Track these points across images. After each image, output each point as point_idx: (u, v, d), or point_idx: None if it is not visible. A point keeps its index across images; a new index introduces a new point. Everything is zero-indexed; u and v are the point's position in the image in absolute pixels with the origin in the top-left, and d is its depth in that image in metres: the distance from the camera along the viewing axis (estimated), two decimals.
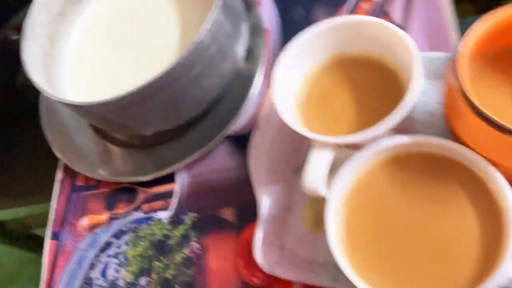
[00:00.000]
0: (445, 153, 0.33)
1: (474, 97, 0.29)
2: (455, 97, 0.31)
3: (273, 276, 0.40)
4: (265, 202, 0.41)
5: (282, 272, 0.38)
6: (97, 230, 0.47)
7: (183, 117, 0.45)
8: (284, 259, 0.39)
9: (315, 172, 0.33)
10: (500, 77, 0.34)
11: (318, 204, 0.41)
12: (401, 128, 0.36)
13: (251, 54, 0.48)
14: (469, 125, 0.31)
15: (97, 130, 0.50)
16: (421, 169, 0.33)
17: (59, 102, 0.42)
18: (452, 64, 0.31)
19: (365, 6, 0.48)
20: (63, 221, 0.48)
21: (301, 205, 0.41)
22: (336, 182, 0.33)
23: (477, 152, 0.31)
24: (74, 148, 0.50)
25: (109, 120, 0.43)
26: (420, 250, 0.32)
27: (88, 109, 0.41)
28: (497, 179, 0.30)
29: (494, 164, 0.31)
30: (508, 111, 0.32)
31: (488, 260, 0.30)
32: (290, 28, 0.50)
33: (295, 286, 0.40)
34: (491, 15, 0.31)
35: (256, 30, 0.49)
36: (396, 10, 0.46)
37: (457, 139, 0.33)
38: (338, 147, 0.33)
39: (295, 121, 0.35)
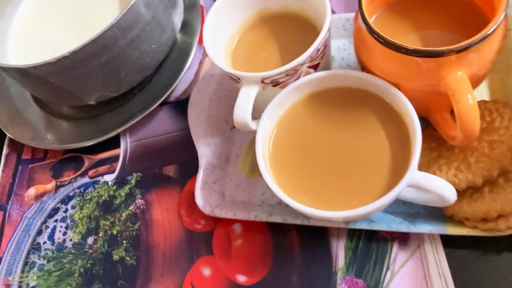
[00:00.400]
0: (356, 85, 0.37)
1: (374, 26, 0.34)
2: (361, 31, 0.35)
3: (214, 221, 0.42)
4: (204, 152, 0.44)
5: (222, 213, 0.41)
6: (44, 198, 0.48)
7: (125, 83, 0.47)
8: (223, 202, 0.42)
9: (244, 105, 0.36)
10: (401, 18, 0.39)
11: (254, 153, 0.44)
12: None
13: (188, 27, 0.52)
14: (372, 52, 0.35)
15: (42, 105, 0.52)
16: (336, 100, 0.38)
17: (3, 70, 0.44)
18: (358, 7, 0.36)
19: None
20: (10, 193, 0.49)
21: (239, 156, 0.44)
22: (264, 115, 0.36)
23: (381, 78, 0.36)
24: (20, 122, 0.51)
25: (53, 87, 0.45)
26: (338, 169, 0.35)
27: (32, 71, 0.43)
28: (399, 98, 0.35)
29: (397, 87, 0.35)
30: (405, 42, 0.36)
31: (398, 170, 0.34)
32: None
33: (234, 229, 0.42)
34: None
35: (192, 5, 0.53)
36: None
37: (367, 71, 0.37)
38: (264, 84, 0.37)
39: (224, 64, 0.38)
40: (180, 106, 0.49)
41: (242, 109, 0.36)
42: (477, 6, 0.37)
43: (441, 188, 0.33)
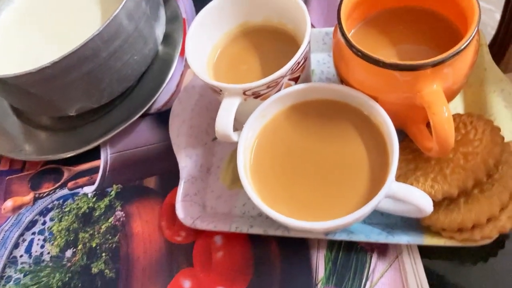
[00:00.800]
0: (335, 97, 0.38)
1: (352, 40, 0.34)
2: (340, 45, 0.36)
3: (195, 233, 0.42)
4: (185, 164, 0.44)
5: (203, 225, 0.41)
6: (22, 210, 0.47)
7: (106, 94, 0.47)
8: (204, 214, 0.42)
9: (226, 117, 0.36)
10: (378, 34, 0.40)
11: (235, 164, 0.44)
12: None
13: (170, 39, 0.52)
14: (351, 65, 0.36)
15: (20, 115, 0.52)
16: (316, 112, 0.38)
17: None
18: (337, 21, 0.36)
19: None
20: None
21: (220, 167, 0.44)
22: (246, 126, 0.37)
23: (360, 90, 0.36)
24: None
25: (33, 98, 0.45)
26: (318, 179, 0.36)
27: (13, 82, 0.42)
28: (377, 110, 0.35)
29: (374, 99, 0.36)
30: (382, 56, 0.37)
31: (377, 180, 0.35)
32: None
33: (215, 241, 0.42)
34: None
35: (174, 18, 0.53)
36: None
37: (346, 84, 0.38)
38: (245, 96, 0.37)
39: (206, 76, 0.39)
40: (161, 117, 0.49)
41: (224, 121, 0.36)
42: (450, 21, 0.39)
43: (418, 199, 0.33)
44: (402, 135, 0.39)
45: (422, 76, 0.33)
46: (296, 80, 0.39)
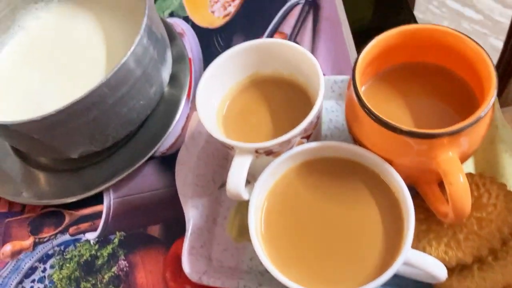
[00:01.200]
0: (348, 156, 0.37)
1: (368, 103, 0.34)
2: (354, 105, 0.36)
3: (201, 286, 0.41)
4: (192, 215, 0.43)
5: (210, 281, 0.40)
6: (21, 256, 0.46)
7: (110, 139, 0.46)
8: (211, 269, 0.41)
9: (237, 176, 0.36)
10: (391, 90, 0.39)
11: (242, 215, 0.44)
12: (312, 141, 0.40)
13: (176, 80, 0.51)
14: (365, 127, 0.35)
15: (20, 155, 0.50)
16: (329, 171, 0.38)
17: None
18: (350, 78, 0.36)
19: (279, 37, 0.53)
20: None
21: (226, 218, 0.44)
22: (257, 185, 0.36)
23: (374, 152, 0.36)
24: None
25: (36, 142, 0.44)
26: (329, 243, 0.35)
27: (15, 128, 0.41)
28: (392, 175, 0.35)
29: (388, 161, 0.36)
30: (396, 115, 0.37)
31: (391, 246, 0.34)
32: (211, 58, 0.53)
33: None
34: (376, 38, 0.37)
35: (180, 58, 0.52)
36: (305, 40, 0.52)
37: (358, 143, 0.37)
38: (257, 154, 0.37)
39: (218, 133, 0.38)
40: (166, 161, 0.48)
41: (236, 180, 0.36)
42: (464, 81, 0.38)
43: (432, 267, 0.33)
44: (413, 191, 0.39)
45: (438, 144, 0.33)
46: (308, 137, 0.38)
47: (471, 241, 0.35)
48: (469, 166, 0.41)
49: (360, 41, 0.52)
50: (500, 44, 1.36)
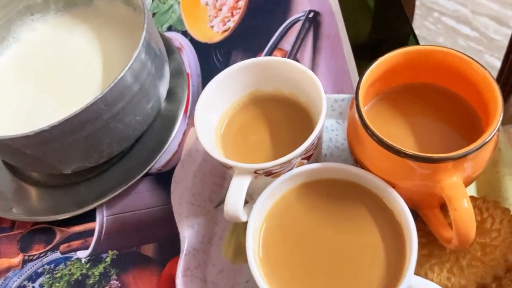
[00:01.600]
0: (349, 177, 0.37)
1: (371, 125, 0.33)
2: (356, 126, 0.35)
3: None
4: (187, 234, 0.42)
5: None
6: (9, 274, 0.45)
7: (105, 155, 0.45)
8: None
9: (236, 197, 0.35)
10: (393, 110, 0.39)
11: (238, 235, 0.43)
12: (313, 162, 0.39)
13: (173, 95, 0.50)
14: (368, 149, 0.35)
15: (11, 169, 0.49)
16: (328, 192, 0.37)
17: None
18: (353, 99, 0.35)
19: (278, 54, 0.53)
20: None
21: (222, 238, 0.43)
22: (256, 206, 0.35)
23: (376, 175, 0.35)
24: None
25: (28, 157, 0.42)
26: (328, 267, 0.34)
27: (7, 143, 0.40)
28: (394, 198, 0.34)
29: (390, 184, 0.35)
30: (399, 137, 0.36)
31: (392, 272, 0.33)
32: (209, 73, 0.53)
33: None
34: (379, 59, 0.36)
35: (178, 72, 0.52)
36: (306, 58, 0.51)
37: (360, 165, 0.37)
38: (257, 174, 0.36)
39: (216, 152, 0.37)
40: (162, 178, 0.47)
41: (234, 201, 0.35)
42: (467, 102, 0.38)
43: None
44: (413, 214, 0.38)
45: (442, 169, 0.32)
46: (309, 158, 0.37)
47: (475, 268, 0.34)
48: (471, 188, 0.41)
49: (360, 56, 0.51)
50: (495, 61, 1.37)
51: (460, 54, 0.35)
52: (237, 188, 0.35)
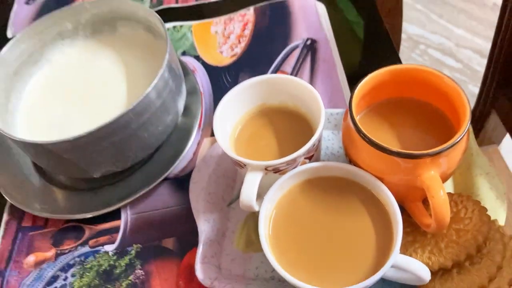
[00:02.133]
0: (345, 175, 0.43)
1: (362, 128, 0.40)
2: (350, 131, 0.42)
3: None
4: (204, 228, 0.48)
5: (221, 286, 0.44)
6: (44, 266, 0.50)
7: (130, 160, 0.52)
8: (220, 276, 0.46)
9: (250, 189, 0.41)
10: (381, 120, 0.46)
11: (248, 230, 0.49)
12: (314, 161, 0.46)
13: (189, 111, 0.57)
14: (360, 149, 0.41)
15: (42, 174, 0.55)
16: (328, 187, 0.43)
17: (15, 142, 0.48)
18: (347, 109, 0.42)
19: None
20: (8, 259, 0.51)
21: (234, 231, 0.49)
22: (266, 197, 0.42)
23: (368, 172, 0.42)
24: (21, 189, 0.54)
25: (64, 161, 0.49)
26: (328, 248, 0.40)
27: (49, 148, 0.47)
28: (383, 190, 0.41)
29: (379, 179, 0.41)
30: (386, 141, 0.42)
31: (382, 252, 0.39)
32: (220, 92, 0.60)
33: None
34: (368, 76, 0.43)
35: (192, 91, 0.59)
36: (305, 79, 0.58)
37: (354, 164, 0.43)
38: (267, 171, 0.42)
39: (232, 153, 0.43)
40: (179, 182, 0.54)
41: (248, 193, 0.41)
42: (443, 112, 0.45)
43: (418, 269, 0.38)
44: (400, 208, 0.45)
45: (422, 163, 0.39)
46: (310, 158, 0.44)
47: (451, 248, 0.40)
48: (449, 187, 0.47)
49: (352, 82, 0.59)
50: (477, 91, 1.46)
51: (436, 71, 0.43)
52: (251, 182, 0.41)
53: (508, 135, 0.82)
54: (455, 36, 1.51)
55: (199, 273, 0.45)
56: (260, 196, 0.43)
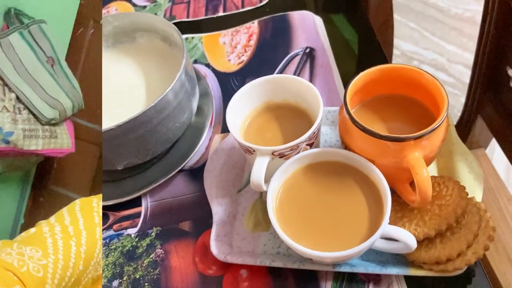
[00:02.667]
0: (341, 159, 0.50)
1: (356, 118, 0.47)
2: (345, 120, 0.48)
3: (224, 267, 0.52)
4: (216, 210, 0.54)
5: (233, 259, 0.50)
6: None
7: (150, 153, 0.58)
8: (232, 252, 0.52)
9: (259, 171, 0.47)
10: (372, 114, 0.52)
11: (256, 212, 0.55)
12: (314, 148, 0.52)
13: (201, 111, 0.64)
14: (354, 136, 0.48)
15: None
16: (327, 170, 0.50)
17: None
18: (342, 102, 0.49)
19: None
20: None
21: (244, 214, 0.55)
22: (273, 178, 0.48)
23: (362, 156, 0.48)
24: None
25: None
26: (329, 221, 0.47)
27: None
28: (375, 171, 0.47)
29: (371, 162, 0.48)
30: (375, 128, 0.49)
31: (374, 223, 0.46)
32: (228, 95, 0.66)
33: (241, 274, 0.51)
34: (361, 73, 0.50)
35: (204, 94, 0.65)
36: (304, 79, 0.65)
37: (349, 150, 0.50)
38: (273, 155, 0.49)
39: (244, 141, 0.50)
40: (194, 173, 0.60)
41: (258, 174, 0.47)
42: (426, 106, 0.51)
43: (405, 237, 0.44)
44: (390, 190, 0.51)
45: (407, 146, 0.45)
46: (311, 145, 0.50)
47: (434, 220, 0.46)
48: (434, 171, 0.54)
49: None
50: None
51: (418, 69, 0.49)
52: (260, 165, 0.48)
53: (494, 139, 0.88)
54: (447, 52, 1.58)
55: (214, 248, 0.51)
56: (267, 180, 0.50)
